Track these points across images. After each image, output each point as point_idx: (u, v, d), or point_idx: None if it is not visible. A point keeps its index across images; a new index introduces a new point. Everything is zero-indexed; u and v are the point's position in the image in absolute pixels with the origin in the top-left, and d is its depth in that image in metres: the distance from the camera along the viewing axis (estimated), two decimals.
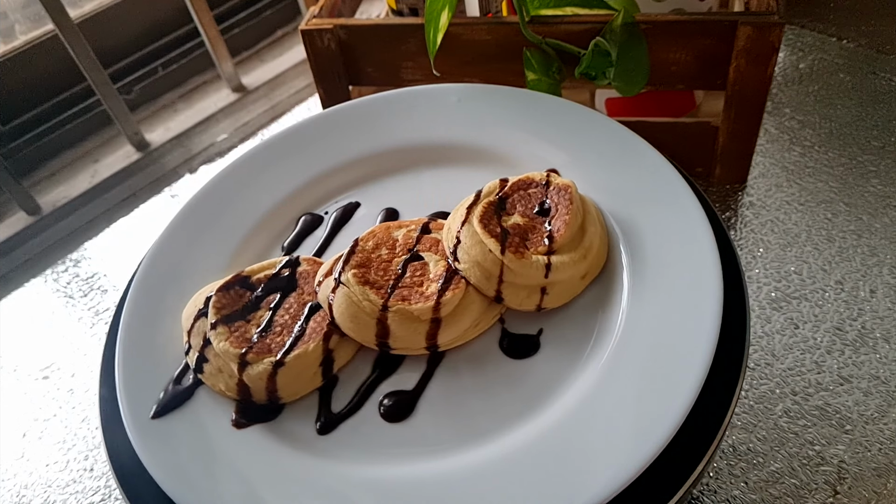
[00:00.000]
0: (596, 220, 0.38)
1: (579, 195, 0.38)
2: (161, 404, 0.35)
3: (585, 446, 0.31)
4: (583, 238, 0.37)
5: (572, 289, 0.37)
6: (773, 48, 0.46)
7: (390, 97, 0.49)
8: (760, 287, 0.48)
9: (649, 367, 0.33)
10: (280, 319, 0.38)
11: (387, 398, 0.35)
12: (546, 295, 0.36)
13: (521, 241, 0.37)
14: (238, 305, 0.38)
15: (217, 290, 0.38)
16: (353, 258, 0.38)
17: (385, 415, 0.35)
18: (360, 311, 0.36)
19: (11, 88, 0.74)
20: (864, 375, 0.42)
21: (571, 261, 0.36)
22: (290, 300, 0.38)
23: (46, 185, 0.76)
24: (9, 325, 0.56)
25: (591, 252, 0.37)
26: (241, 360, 0.35)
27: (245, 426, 0.35)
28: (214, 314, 0.37)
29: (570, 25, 0.49)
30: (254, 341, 0.36)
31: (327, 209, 0.45)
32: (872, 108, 0.59)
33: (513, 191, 0.39)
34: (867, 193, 0.53)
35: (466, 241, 0.37)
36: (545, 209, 0.38)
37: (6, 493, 0.45)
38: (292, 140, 0.48)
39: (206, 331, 0.37)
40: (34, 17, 0.77)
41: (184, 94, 0.86)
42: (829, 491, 0.38)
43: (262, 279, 0.39)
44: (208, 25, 0.81)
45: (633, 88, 0.48)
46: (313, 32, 0.53)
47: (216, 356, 0.36)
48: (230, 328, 0.37)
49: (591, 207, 0.39)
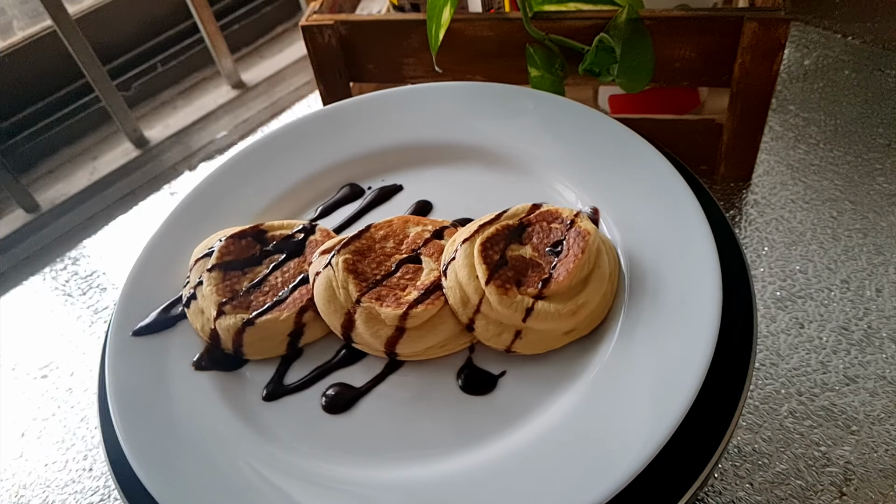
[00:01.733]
0: (604, 279, 0.35)
1: (600, 246, 0.36)
2: (143, 325, 0.38)
3: (581, 452, 0.31)
4: (580, 292, 0.34)
5: (550, 341, 0.35)
6: (779, 44, 0.45)
7: (463, 88, 0.48)
8: (765, 286, 0.47)
9: (647, 372, 0.32)
10: (272, 280, 0.39)
11: (332, 388, 0.36)
12: (519, 339, 0.34)
13: (516, 275, 0.35)
14: (243, 256, 0.39)
15: (229, 236, 0.40)
16: (354, 243, 0.37)
17: (325, 404, 0.35)
18: (335, 297, 0.36)
19: (9, 85, 0.73)
20: (870, 375, 0.42)
21: (557, 312, 0.33)
22: (290, 265, 0.39)
23: (45, 183, 0.75)
24: (7, 324, 0.56)
25: (583, 309, 0.34)
26: (218, 308, 0.37)
27: (203, 370, 0.37)
28: (217, 258, 0.39)
29: (574, 21, 0.48)
30: (238, 295, 0.38)
31: (371, 185, 0.45)
32: (878, 105, 0.59)
33: (537, 220, 0.37)
34: (873, 191, 0.52)
35: (459, 260, 0.35)
36: (557, 250, 0.36)
37: (4, 492, 0.44)
38: (354, 110, 0.48)
39: (204, 270, 0.39)
40: (32, 13, 0.77)
41: (183, 90, 0.86)
42: (836, 492, 0.37)
43: (276, 237, 0.40)
44: (208, 21, 0.80)
45: (637, 85, 0.47)
46: (314, 28, 0.53)
47: (202, 297, 0.38)
48: (224, 276, 0.38)
49: (607, 263, 0.36)
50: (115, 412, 0.34)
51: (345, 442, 0.34)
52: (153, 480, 0.32)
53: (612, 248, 0.37)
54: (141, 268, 0.41)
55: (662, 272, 0.36)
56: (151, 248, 0.42)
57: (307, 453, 0.33)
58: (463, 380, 0.35)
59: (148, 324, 0.38)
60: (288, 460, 0.33)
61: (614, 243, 0.38)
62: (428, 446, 0.33)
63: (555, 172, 0.43)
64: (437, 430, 0.33)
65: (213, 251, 0.39)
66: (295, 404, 0.35)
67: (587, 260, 0.35)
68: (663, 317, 0.34)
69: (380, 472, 0.32)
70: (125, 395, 0.35)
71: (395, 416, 0.34)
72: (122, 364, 0.37)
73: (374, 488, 0.31)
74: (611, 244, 0.37)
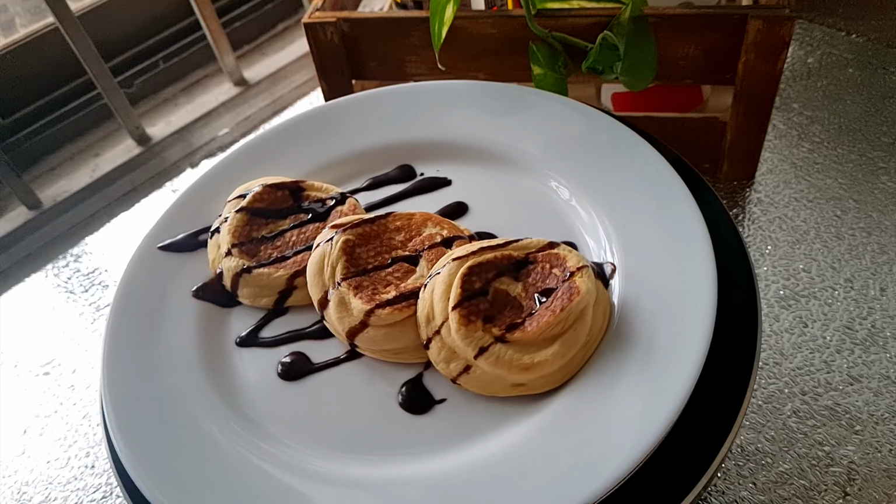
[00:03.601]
0: (574, 345, 0.32)
1: (587, 310, 0.33)
2: (170, 242, 0.41)
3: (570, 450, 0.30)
4: (543, 349, 0.32)
5: (496, 387, 0.33)
6: (783, 42, 0.45)
7: (550, 98, 0.46)
8: (769, 285, 0.47)
9: (642, 366, 0.32)
10: (287, 237, 0.40)
11: (290, 356, 0.37)
12: (467, 374, 0.33)
13: (491, 309, 0.33)
14: (273, 206, 0.41)
15: (268, 184, 0.41)
16: (364, 226, 0.38)
17: (280, 370, 0.36)
18: (321, 272, 0.36)
19: (11, 82, 0.73)
20: (874, 375, 0.42)
21: (510, 361, 0.32)
22: (310, 228, 0.40)
23: (47, 180, 0.75)
24: (9, 321, 0.56)
25: (538, 368, 0.32)
26: (228, 248, 0.39)
27: (200, 299, 0.39)
28: (248, 202, 0.41)
29: (577, 19, 0.48)
30: (251, 241, 0.40)
31: (424, 172, 0.45)
32: (882, 103, 0.59)
33: (542, 259, 0.35)
34: (877, 190, 0.52)
35: (441, 276, 0.34)
36: (544, 298, 0.34)
37: (7, 490, 0.44)
38: (432, 93, 0.48)
39: (234, 210, 0.40)
40: (34, 10, 0.77)
41: (185, 87, 0.86)
42: (839, 492, 0.37)
43: (310, 197, 0.42)
44: (210, 18, 0.80)
45: (640, 83, 0.47)
46: (316, 26, 0.53)
47: (222, 234, 0.40)
48: (247, 220, 0.40)
49: (586, 329, 0.32)
50: (107, 405, 0.35)
51: (284, 411, 0.35)
52: (142, 472, 0.32)
53: (607, 312, 0.34)
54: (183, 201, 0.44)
55: (657, 275, 0.35)
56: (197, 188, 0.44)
57: (265, 428, 0.34)
58: (403, 393, 0.34)
59: (174, 242, 0.41)
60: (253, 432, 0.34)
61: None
62: (357, 442, 0.33)
63: (593, 210, 0.40)
64: (369, 429, 0.34)
65: (248, 194, 0.41)
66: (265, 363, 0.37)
67: (562, 320, 0.32)
68: (655, 322, 0.33)
69: (313, 453, 0.33)
70: (120, 390, 0.35)
71: (338, 402, 0.35)
72: (118, 352, 0.37)
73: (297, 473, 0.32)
74: (607, 308, 0.34)
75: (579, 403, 0.32)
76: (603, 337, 0.34)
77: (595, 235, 0.39)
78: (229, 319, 0.39)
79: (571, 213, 0.41)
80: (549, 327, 0.32)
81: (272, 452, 0.33)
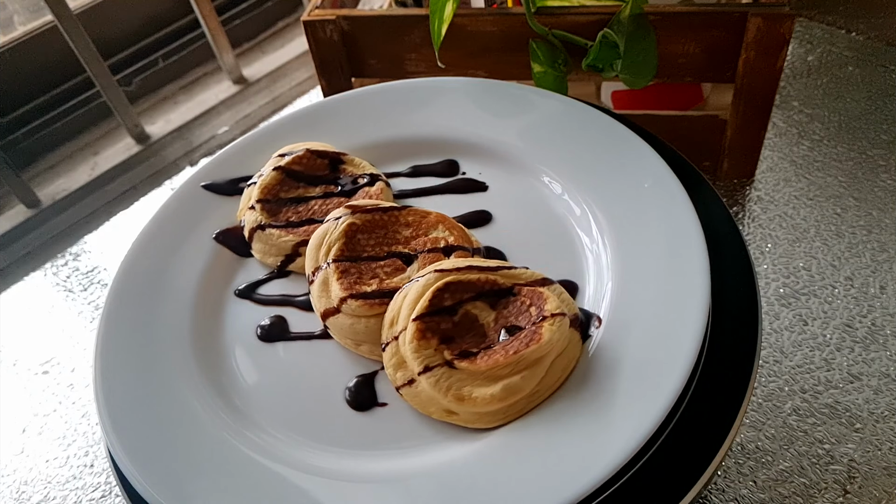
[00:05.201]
0: (515, 393, 0.30)
1: (542, 360, 0.31)
2: (212, 183, 0.44)
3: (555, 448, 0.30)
4: (482, 387, 0.31)
5: (430, 408, 0.32)
6: (783, 40, 0.45)
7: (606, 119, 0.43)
8: (769, 283, 0.47)
9: (634, 361, 0.32)
10: (311, 206, 0.41)
11: (269, 320, 0.38)
12: (409, 386, 0.32)
13: (453, 330, 0.32)
14: (310, 171, 0.42)
15: (311, 150, 0.42)
16: (376, 214, 0.38)
17: (259, 331, 0.38)
18: (319, 248, 0.37)
19: (10, 80, 0.73)
20: (874, 373, 0.42)
21: (447, 389, 0.31)
22: (334, 202, 0.41)
23: (46, 178, 0.75)
24: (8, 320, 0.56)
25: (470, 404, 0.31)
26: (252, 205, 0.41)
27: (219, 242, 0.42)
28: (287, 162, 0.42)
29: (577, 16, 0.48)
30: (276, 201, 0.41)
31: (466, 171, 0.44)
32: (882, 101, 0.59)
33: (527, 294, 0.33)
34: (877, 188, 0.52)
35: (417, 284, 0.34)
36: (509, 334, 0.32)
37: (6, 489, 0.44)
38: (493, 91, 0.47)
39: (273, 167, 0.42)
40: (33, 8, 0.77)
41: (184, 85, 0.85)
42: (839, 490, 0.37)
43: (346, 171, 0.42)
44: (209, 16, 0.80)
45: (640, 81, 0.47)
46: (315, 23, 0.53)
47: (255, 186, 0.42)
48: (281, 180, 0.42)
49: (533, 381, 0.31)
50: (100, 398, 0.35)
51: (248, 373, 0.36)
52: (135, 463, 0.32)
53: (569, 368, 0.32)
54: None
55: (651, 261, 0.35)
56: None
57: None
58: (352, 386, 0.35)
59: (216, 183, 0.44)
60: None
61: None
62: (302, 422, 0.34)
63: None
64: (311, 411, 0.34)
65: (290, 155, 0.42)
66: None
67: (512, 363, 0.31)
68: (650, 309, 0.33)
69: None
70: (114, 387, 0.35)
71: (293, 376, 0.36)
72: (113, 344, 0.37)
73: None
74: (570, 364, 0.32)
75: (521, 434, 0.31)
76: (558, 388, 0.32)
77: (599, 271, 0.37)
78: (226, 303, 0.40)
79: (591, 256, 0.38)
80: (498, 367, 0.31)
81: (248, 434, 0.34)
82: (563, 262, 0.38)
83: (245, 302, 0.39)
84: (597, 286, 0.36)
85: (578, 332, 0.33)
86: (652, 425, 0.29)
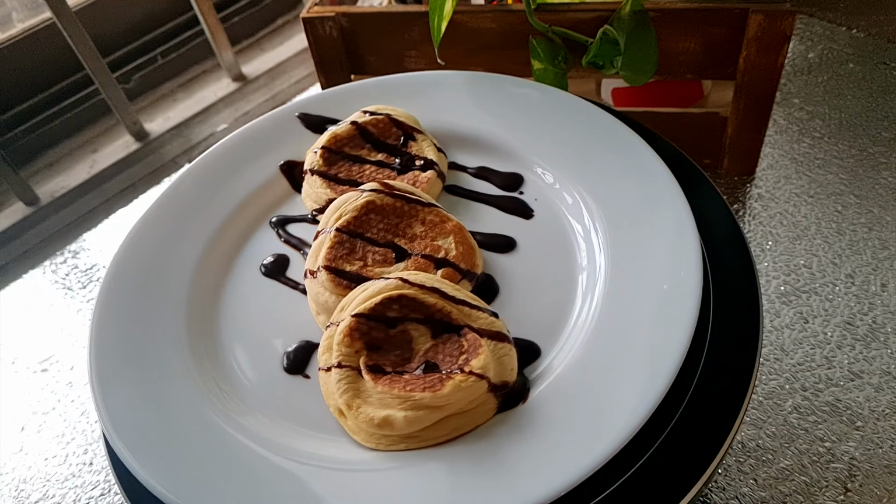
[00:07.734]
0: (393, 428, 0.30)
1: (435, 415, 0.30)
2: (309, 116, 0.45)
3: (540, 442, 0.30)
4: (366, 405, 0.30)
5: (329, 400, 0.32)
6: (784, 37, 0.45)
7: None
8: (769, 281, 0.47)
9: (624, 355, 0.32)
10: (363, 169, 0.42)
11: (273, 257, 0.40)
12: (325, 372, 0.33)
13: (382, 341, 0.32)
14: (380, 136, 0.42)
15: (392, 116, 0.42)
16: (399, 202, 0.37)
17: (261, 268, 0.40)
18: (335, 212, 0.38)
19: (8, 77, 0.73)
20: (875, 371, 0.42)
21: (340, 391, 0.31)
22: (385, 173, 0.42)
23: (45, 176, 0.75)
24: (7, 318, 0.56)
25: (349, 416, 0.31)
26: (317, 148, 0.42)
27: (282, 171, 0.43)
28: (364, 122, 0.42)
29: (577, 13, 0.48)
30: (337, 154, 0.42)
31: (524, 191, 0.41)
32: (883, 98, 0.59)
33: (469, 340, 0.32)
34: (878, 186, 0.52)
35: (377, 285, 0.33)
36: (430, 367, 0.31)
37: (5, 487, 0.44)
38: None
39: (351, 120, 0.43)
40: (31, 5, 0.76)
41: (183, 83, 0.85)
42: (840, 488, 0.37)
43: (412, 147, 0.42)
44: (208, 14, 0.80)
45: (641, 78, 0.47)
46: (315, 20, 0.52)
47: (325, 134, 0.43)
48: (350, 135, 0.42)
49: (415, 427, 0.30)
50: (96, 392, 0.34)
51: (246, 367, 0.36)
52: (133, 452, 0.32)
53: (461, 430, 0.31)
54: None
55: (641, 265, 0.35)
56: None
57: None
58: (293, 348, 0.36)
59: (310, 115, 0.45)
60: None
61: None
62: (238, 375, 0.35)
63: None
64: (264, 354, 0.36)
65: (371, 115, 0.43)
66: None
67: (403, 399, 0.30)
68: (641, 297, 0.33)
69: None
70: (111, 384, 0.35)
71: (259, 323, 0.37)
72: (107, 339, 0.37)
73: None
74: (466, 428, 0.31)
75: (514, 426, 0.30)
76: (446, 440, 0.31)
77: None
78: (222, 296, 0.40)
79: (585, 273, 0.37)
80: (391, 395, 0.30)
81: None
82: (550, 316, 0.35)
83: (241, 288, 0.39)
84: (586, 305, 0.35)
85: (497, 399, 0.31)
86: (638, 423, 0.29)
